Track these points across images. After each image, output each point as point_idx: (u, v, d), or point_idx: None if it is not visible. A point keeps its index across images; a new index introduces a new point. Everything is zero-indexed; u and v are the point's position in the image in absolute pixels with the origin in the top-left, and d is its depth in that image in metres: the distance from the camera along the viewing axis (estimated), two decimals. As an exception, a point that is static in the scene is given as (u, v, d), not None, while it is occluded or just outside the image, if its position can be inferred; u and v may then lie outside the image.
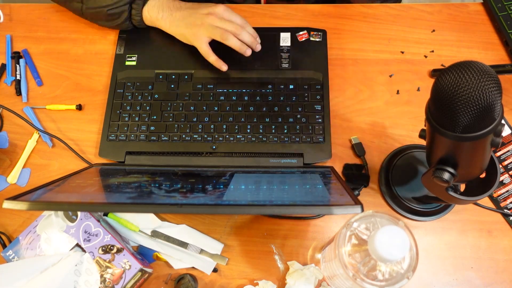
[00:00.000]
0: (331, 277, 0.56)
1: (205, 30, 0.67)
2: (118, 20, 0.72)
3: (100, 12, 0.71)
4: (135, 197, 0.49)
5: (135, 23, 0.74)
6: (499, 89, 0.37)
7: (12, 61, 0.77)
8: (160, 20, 0.71)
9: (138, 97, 0.71)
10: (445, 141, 0.42)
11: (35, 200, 0.46)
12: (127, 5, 0.70)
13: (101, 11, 0.71)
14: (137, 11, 0.71)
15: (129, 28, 0.75)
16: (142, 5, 0.71)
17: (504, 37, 0.73)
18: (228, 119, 0.68)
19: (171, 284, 0.61)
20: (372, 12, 0.78)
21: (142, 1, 0.71)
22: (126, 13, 0.71)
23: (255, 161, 0.66)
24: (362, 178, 0.65)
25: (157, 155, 0.67)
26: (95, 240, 0.58)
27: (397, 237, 0.42)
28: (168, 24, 0.71)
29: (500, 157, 0.66)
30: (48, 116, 0.72)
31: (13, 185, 0.68)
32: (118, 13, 0.71)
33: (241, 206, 0.46)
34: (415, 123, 0.69)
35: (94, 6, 0.71)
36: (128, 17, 0.72)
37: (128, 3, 0.70)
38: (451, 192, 0.50)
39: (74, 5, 0.73)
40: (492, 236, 0.62)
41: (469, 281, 0.60)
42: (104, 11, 0.70)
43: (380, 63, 0.74)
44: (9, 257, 0.59)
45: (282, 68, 0.72)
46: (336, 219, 0.64)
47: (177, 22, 0.70)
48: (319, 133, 0.67)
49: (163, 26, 0.72)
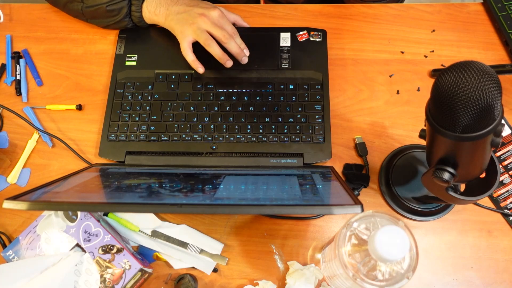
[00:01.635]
0: (331, 277, 0.56)
1: (192, 31, 0.67)
2: (117, 17, 0.72)
3: (99, 9, 0.71)
4: (135, 197, 0.49)
5: (135, 20, 0.73)
6: (499, 89, 0.37)
7: (12, 61, 0.77)
8: (158, 15, 0.71)
9: (138, 97, 0.71)
10: (445, 141, 0.42)
11: (35, 200, 0.46)
12: (127, 0, 0.70)
13: (100, 8, 0.70)
14: (137, 7, 0.71)
15: (128, 26, 0.74)
16: (142, 0, 0.71)
17: (504, 37, 0.73)
18: (228, 119, 0.68)
19: (171, 284, 0.61)
20: (372, 12, 0.78)
21: None
22: (126, 9, 0.71)
23: (255, 161, 0.66)
24: (362, 178, 0.65)
25: (157, 155, 0.67)
26: (95, 240, 0.58)
27: (397, 237, 0.42)
28: (163, 19, 0.70)
29: (500, 157, 0.66)
30: (48, 116, 0.72)
31: (13, 185, 0.68)
32: (117, 9, 0.71)
33: (241, 206, 0.46)
34: (415, 123, 0.69)
35: (94, 4, 0.70)
36: (128, 14, 0.72)
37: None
38: (451, 192, 0.50)
39: (75, 6, 0.72)
40: (492, 236, 0.62)
41: (469, 281, 0.60)
42: (103, 8, 0.70)
43: (380, 63, 0.74)
44: (9, 257, 0.59)
45: (282, 68, 0.72)
46: (336, 219, 0.64)
47: (171, 15, 0.69)
48: (319, 133, 0.67)
49: (160, 21, 0.71)
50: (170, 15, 0.70)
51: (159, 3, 0.70)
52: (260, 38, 0.74)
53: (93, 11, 0.72)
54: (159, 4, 0.70)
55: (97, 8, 0.71)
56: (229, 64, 0.69)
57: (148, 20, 0.73)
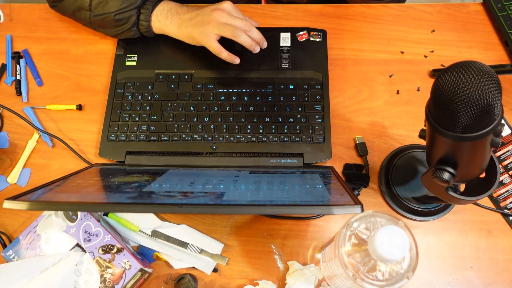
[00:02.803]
0: (331, 277, 0.56)
1: (214, 27, 0.65)
2: (125, 26, 0.70)
3: (107, 18, 0.69)
4: (135, 197, 0.49)
5: (142, 30, 0.71)
6: (499, 89, 0.37)
7: (12, 61, 0.77)
8: (169, 25, 0.69)
9: (138, 97, 0.71)
10: (445, 141, 0.42)
11: (35, 200, 0.46)
12: (135, 9, 0.69)
13: (108, 17, 0.69)
14: (145, 16, 0.69)
15: (135, 36, 0.73)
16: (151, 10, 0.69)
17: (504, 37, 0.73)
18: (228, 119, 0.69)
19: (171, 284, 0.61)
20: (372, 12, 0.78)
21: (152, 6, 0.69)
22: (134, 18, 0.69)
23: (255, 161, 0.66)
24: (362, 178, 0.65)
25: (157, 155, 0.67)
26: (95, 240, 0.58)
27: (397, 237, 0.42)
28: (176, 28, 0.69)
29: (500, 157, 0.66)
30: (48, 116, 0.73)
31: (13, 185, 0.68)
32: (126, 18, 0.69)
33: (241, 206, 0.46)
34: (415, 123, 0.69)
35: (102, 13, 0.69)
36: (136, 23, 0.70)
37: (137, 8, 0.69)
38: (451, 192, 0.50)
39: (83, 14, 0.71)
40: (492, 236, 0.62)
41: (469, 281, 0.60)
42: (111, 17, 0.69)
43: (380, 63, 0.74)
44: (9, 257, 0.59)
45: (282, 68, 0.72)
46: (336, 219, 0.64)
47: (186, 23, 0.68)
48: (319, 133, 0.67)
49: (172, 31, 0.70)
50: (184, 22, 0.68)
51: (170, 13, 0.69)
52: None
53: (100, 20, 0.70)
54: (169, 14, 0.69)
55: (105, 17, 0.69)
56: (257, 50, 0.69)
57: (157, 30, 0.72)
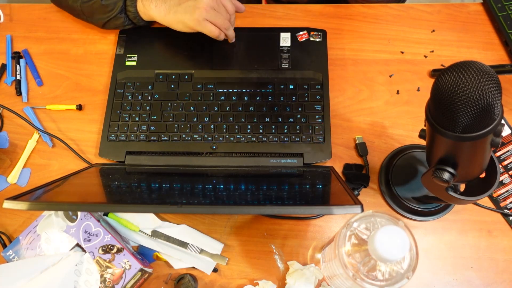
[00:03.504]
0: (331, 277, 0.56)
1: (207, 12, 0.64)
2: (113, 12, 0.70)
3: (95, 4, 0.71)
4: (135, 197, 0.49)
5: (130, 16, 0.72)
6: (499, 89, 0.37)
7: (13, 61, 0.77)
8: (154, 9, 0.68)
9: (138, 97, 0.71)
10: (445, 141, 0.42)
11: (35, 200, 0.46)
12: None
13: (95, 3, 0.70)
14: (131, 1, 0.70)
15: (126, 23, 0.73)
16: None
17: (504, 37, 0.73)
18: (228, 119, 0.69)
19: (171, 284, 0.61)
20: (372, 12, 0.78)
21: None
22: (121, 3, 0.70)
23: (255, 161, 0.66)
24: (362, 178, 0.65)
25: (157, 155, 0.67)
26: (95, 240, 0.58)
27: (397, 237, 0.42)
28: (163, 12, 0.67)
29: (500, 157, 0.66)
30: (48, 116, 0.73)
31: (13, 185, 0.68)
32: (112, 4, 0.70)
33: (241, 206, 0.46)
34: (415, 123, 0.69)
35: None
36: (123, 9, 0.71)
37: None
38: (451, 192, 0.50)
39: (74, 3, 0.72)
40: (492, 236, 0.62)
41: (469, 281, 0.60)
42: (98, 2, 0.70)
43: (380, 63, 0.74)
44: (9, 257, 0.59)
45: (282, 68, 0.72)
46: (336, 219, 0.64)
47: (174, 7, 0.66)
48: (319, 133, 0.67)
49: (158, 16, 0.68)
50: (172, 7, 0.67)
51: None
52: (260, 38, 0.75)
53: (89, 6, 0.72)
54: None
55: (93, 2, 0.71)
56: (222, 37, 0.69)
57: (144, 16, 0.71)
